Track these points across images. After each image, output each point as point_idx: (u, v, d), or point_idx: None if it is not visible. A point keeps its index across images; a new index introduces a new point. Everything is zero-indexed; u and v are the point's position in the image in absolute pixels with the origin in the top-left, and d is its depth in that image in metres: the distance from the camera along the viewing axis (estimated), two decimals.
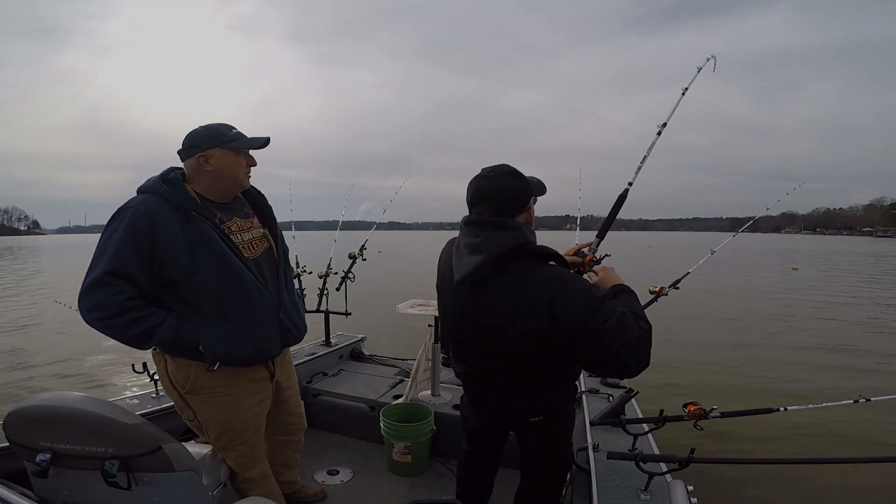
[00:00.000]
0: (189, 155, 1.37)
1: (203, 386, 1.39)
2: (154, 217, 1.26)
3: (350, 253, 3.12)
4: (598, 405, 2.08)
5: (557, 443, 1.46)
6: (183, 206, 1.31)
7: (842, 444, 3.43)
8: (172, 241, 1.27)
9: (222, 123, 1.41)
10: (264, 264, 1.49)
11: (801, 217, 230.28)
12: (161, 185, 1.32)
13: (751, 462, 2.09)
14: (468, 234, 1.26)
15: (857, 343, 6.53)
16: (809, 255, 28.77)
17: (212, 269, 1.32)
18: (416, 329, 5.19)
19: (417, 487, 2.15)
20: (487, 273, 1.19)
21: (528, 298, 1.15)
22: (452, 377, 2.99)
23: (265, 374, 1.54)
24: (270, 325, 1.47)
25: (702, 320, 7.92)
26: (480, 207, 1.26)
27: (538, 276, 1.17)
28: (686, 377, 4.98)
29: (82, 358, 5.62)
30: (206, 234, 1.32)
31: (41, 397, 1.16)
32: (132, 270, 1.23)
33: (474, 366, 1.37)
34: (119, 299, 1.22)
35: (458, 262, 1.27)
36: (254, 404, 1.51)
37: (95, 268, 1.23)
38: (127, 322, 1.24)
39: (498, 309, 1.19)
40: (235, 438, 1.49)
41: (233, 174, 1.41)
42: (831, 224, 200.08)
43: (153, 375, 2.09)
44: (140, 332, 1.26)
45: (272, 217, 1.60)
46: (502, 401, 1.38)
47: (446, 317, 1.42)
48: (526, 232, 1.23)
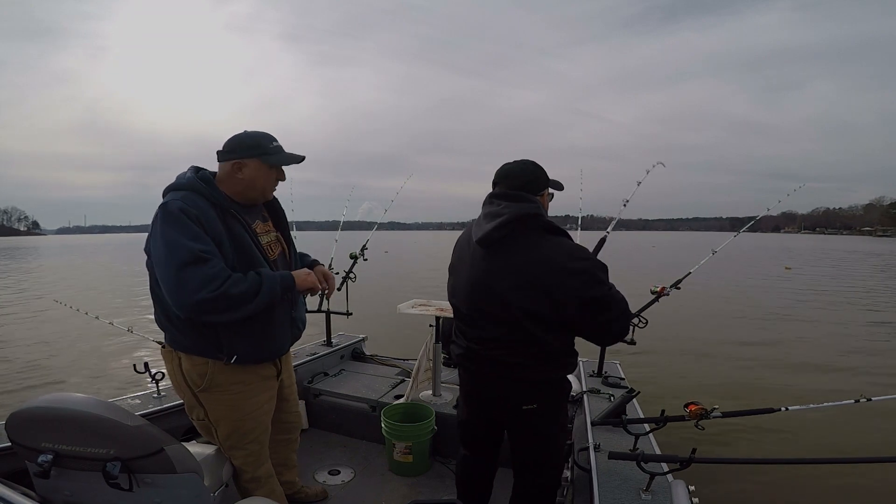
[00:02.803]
0: (226, 158, 1.40)
1: (219, 383, 1.41)
2: (199, 210, 1.30)
3: (351, 253, 3.12)
4: (600, 405, 2.08)
5: (551, 438, 1.46)
6: (221, 204, 1.35)
7: (842, 444, 3.42)
8: (216, 233, 1.31)
9: (265, 134, 1.42)
10: (280, 266, 1.54)
11: (801, 217, 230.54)
12: (199, 182, 1.35)
13: (752, 462, 2.08)
14: (490, 206, 1.39)
15: (858, 343, 6.53)
16: (808, 255, 28.74)
17: (243, 267, 1.35)
18: (417, 329, 5.19)
19: (418, 487, 2.15)
20: (505, 233, 1.30)
21: (538, 265, 1.27)
22: (453, 377, 2.99)
23: (273, 372, 1.57)
24: (284, 324, 1.53)
25: (702, 320, 7.91)
26: (503, 184, 1.41)
27: (548, 244, 1.29)
28: (687, 377, 4.98)
29: (83, 358, 5.62)
30: (239, 233, 1.37)
31: (43, 398, 1.17)
32: (209, 245, 1.27)
33: (476, 339, 1.41)
34: (217, 266, 1.24)
35: (478, 229, 1.38)
36: (263, 401, 1.54)
37: (177, 253, 1.22)
38: (235, 281, 1.26)
39: (509, 271, 1.30)
40: (246, 436, 1.51)
41: (262, 187, 1.45)
42: (831, 224, 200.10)
43: (154, 375, 2.10)
44: (247, 288, 1.27)
45: (286, 221, 1.64)
46: (498, 383, 1.40)
47: (456, 284, 1.49)
48: (541, 207, 1.37)
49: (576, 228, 2.65)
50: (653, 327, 2.19)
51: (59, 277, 16.21)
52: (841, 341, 6.57)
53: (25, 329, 7.38)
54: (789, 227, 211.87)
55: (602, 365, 2.55)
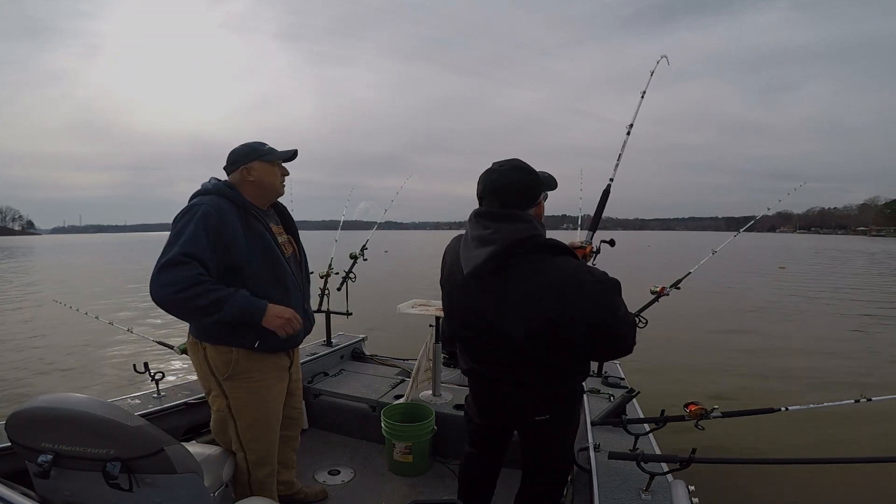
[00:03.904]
0: (234, 169, 1.57)
1: (244, 370, 1.51)
2: (222, 212, 1.44)
3: (351, 253, 3.12)
4: (599, 405, 2.08)
5: (561, 443, 1.45)
6: (243, 206, 1.51)
7: (842, 444, 3.42)
8: (234, 234, 1.45)
9: (257, 141, 1.61)
10: (292, 264, 1.67)
11: (797, 216, 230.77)
12: (225, 187, 1.52)
13: (752, 462, 2.08)
14: (477, 227, 1.25)
15: (858, 342, 6.53)
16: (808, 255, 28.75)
17: (263, 262, 1.51)
18: (417, 329, 5.19)
19: (418, 487, 2.15)
20: (497, 265, 1.18)
21: (539, 291, 1.15)
22: (453, 377, 2.98)
23: (287, 363, 1.68)
24: (299, 314, 1.60)
25: (702, 320, 7.91)
26: (491, 200, 1.25)
27: (550, 269, 1.16)
28: (687, 377, 4.98)
29: (84, 358, 5.62)
30: (260, 232, 1.52)
31: (43, 398, 1.16)
32: (203, 254, 1.37)
33: (482, 361, 1.36)
34: (192, 273, 1.34)
35: (467, 254, 1.25)
36: (279, 391, 1.63)
37: (169, 251, 1.35)
38: (199, 293, 1.33)
39: (508, 302, 1.19)
40: (267, 426, 1.59)
41: (271, 182, 1.61)
42: (826, 223, 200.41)
43: (154, 375, 2.10)
44: (209, 303, 1.35)
45: (294, 225, 1.79)
46: (509, 398, 1.36)
47: (453, 312, 1.40)
48: (536, 224, 1.23)
49: (573, 228, 2.65)
50: (653, 327, 2.19)
51: (57, 278, 16.19)
52: (842, 341, 6.57)
53: (25, 329, 7.37)
54: (785, 227, 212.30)
55: (602, 365, 2.55)
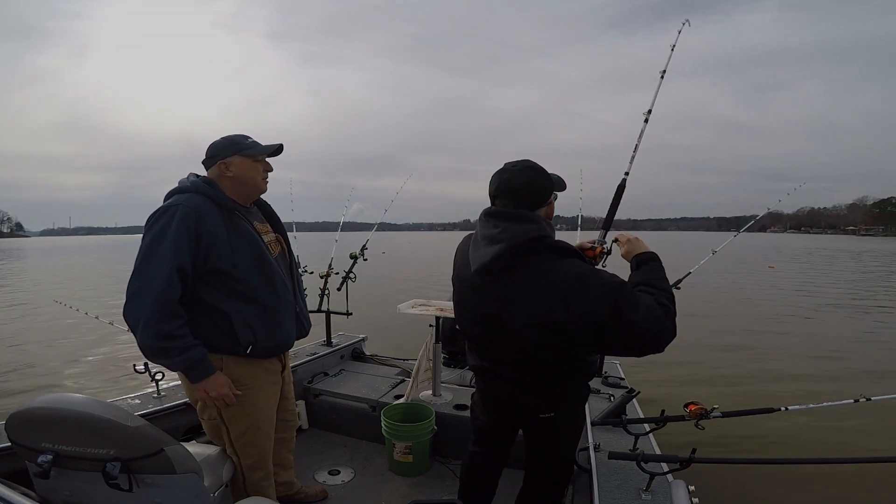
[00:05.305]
0: (211, 164, 1.47)
1: (235, 378, 1.44)
2: (200, 213, 1.35)
3: (351, 253, 3.12)
4: (600, 405, 2.08)
5: (565, 442, 1.45)
6: (225, 204, 1.42)
7: (842, 443, 3.42)
8: (216, 236, 1.36)
9: (238, 134, 1.51)
10: (281, 264, 1.59)
11: (787, 216, 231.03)
12: (204, 184, 1.42)
13: (752, 462, 2.08)
14: (487, 226, 1.26)
15: (858, 342, 6.53)
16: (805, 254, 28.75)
17: (250, 263, 1.43)
18: (417, 329, 5.19)
19: (418, 487, 2.15)
20: (504, 263, 1.19)
21: (546, 291, 1.14)
22: (453, 377, 2.98)
23: (279, 367, 1.63)
24: (290, 318, 1.58)
25: (702, 320, 7.91)
26: (502, 200, 1.27)
27: (557, 270, 1.16)
28: (687, 377, 4.98)
29: (83, 358, 5.62)
30: (245, 231, 1.44)
31: (43, 399, 1.17)
32: (186, 264, 1.31)
33: (489, 359, 1.37)
34: (179, 328, 1.30)
35: (475, 252, 1.27)
36: (272, 395, 1.59)
37: (151, 262, 1.28)
38: (175, 347, 1.29)
39: (514, 301, 1.19)
40: (260, 431, 1.54)
41: (251, 178, 1.50)
42: (816, 223, 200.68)
43: (154, 375, 2.10)
44: (177, 355, 1.30)
45: (280, 223, 1.71)
46: (515, 396, 1.37)
47: (462, 310, 1.41)
48: (545, 226, 1.24)
49: (566, 229, 2.65)
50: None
51: (54, 279, 16.19)
52: (841, 341, 6.56)
53: (25, 329, 7.38)
54: (776, 227, 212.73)
55: (602, 365, 2.55)
